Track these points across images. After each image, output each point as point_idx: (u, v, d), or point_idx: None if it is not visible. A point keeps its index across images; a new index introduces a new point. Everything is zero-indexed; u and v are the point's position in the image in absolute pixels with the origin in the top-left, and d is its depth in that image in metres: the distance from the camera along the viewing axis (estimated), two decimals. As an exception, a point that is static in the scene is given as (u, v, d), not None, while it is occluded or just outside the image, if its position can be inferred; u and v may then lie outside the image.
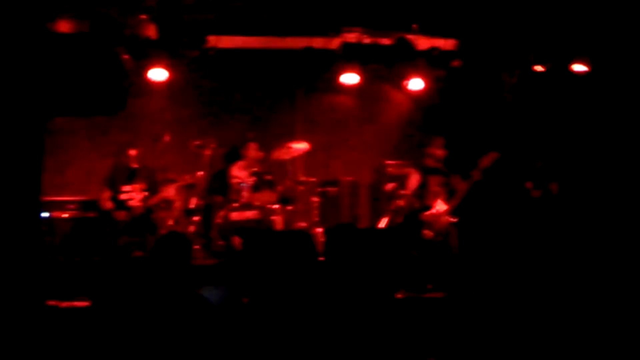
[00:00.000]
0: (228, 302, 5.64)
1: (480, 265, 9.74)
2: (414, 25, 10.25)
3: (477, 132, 11.38)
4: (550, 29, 9.98)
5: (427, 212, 9.84)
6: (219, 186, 10.80)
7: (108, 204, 9.71)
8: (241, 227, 9.71)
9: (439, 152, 10.07)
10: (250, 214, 10.17)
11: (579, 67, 10.39)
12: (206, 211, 10.37)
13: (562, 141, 11.03)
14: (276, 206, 10.48)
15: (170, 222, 10.14)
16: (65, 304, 8.35)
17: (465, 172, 9.93)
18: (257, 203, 10.25)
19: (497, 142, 10.95)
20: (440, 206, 9.86)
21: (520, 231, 10.12)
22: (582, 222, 10.15)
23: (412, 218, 9.94)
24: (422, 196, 9.99)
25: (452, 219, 9.79)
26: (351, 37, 10.27)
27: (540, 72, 10.46)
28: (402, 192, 10.45)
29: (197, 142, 10.54)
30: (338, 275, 5.58)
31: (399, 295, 8.52)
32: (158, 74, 10.14)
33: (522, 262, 9.44)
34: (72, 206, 10.12)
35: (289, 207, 10.81)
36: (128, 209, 9.63)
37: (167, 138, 10.28)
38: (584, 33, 10.02)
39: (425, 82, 11.01)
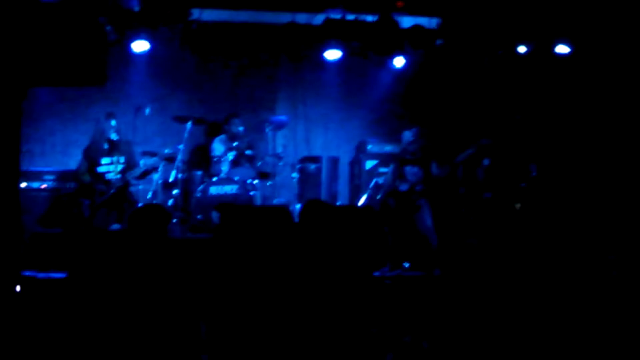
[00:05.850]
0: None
1: (458, 248, 9.80)
2: (398, 3, 10.22)
3: (458, 115, 11.39)
4: (534, 9, 9.98)
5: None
6: (199, 160, 10.76)
7: (86, 176, 9.64)
8: (220, 202, 9.69)
9: (414, 143, 9.94)
10: (229, 189, 10.15)
11: (562, 48, 10.40)
12: (185, 185, 10.33)
13: (544, 123, 11.06)
14: (255, 181, 10.46)
15: (149, 196, 10.11)
16: (42, 276, 8.33)
17: (442, 159, 9.91)
18: (236, 178, 10.23)
19: (477, 125, 10.98)
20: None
21: (500, 212, 10.16)
22: (564, 204, 10.20)
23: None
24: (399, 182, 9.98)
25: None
26: (335, 13, 10.22)
27: (523, 53, 10.46)
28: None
29: (178, 116, 10.49)
30: (313, 251, 5.59)
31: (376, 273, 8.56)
32: (140, 46, 10.06)
33: (500, 241, 9.51)
34: (50, 177, 10.05)
35: (269, 183, 10.81)
36: (107, 181, 9.56)
37: (147, 111, 10.21)
38: (567, 13, 10.03)
39: (408, 61, 10.99)
